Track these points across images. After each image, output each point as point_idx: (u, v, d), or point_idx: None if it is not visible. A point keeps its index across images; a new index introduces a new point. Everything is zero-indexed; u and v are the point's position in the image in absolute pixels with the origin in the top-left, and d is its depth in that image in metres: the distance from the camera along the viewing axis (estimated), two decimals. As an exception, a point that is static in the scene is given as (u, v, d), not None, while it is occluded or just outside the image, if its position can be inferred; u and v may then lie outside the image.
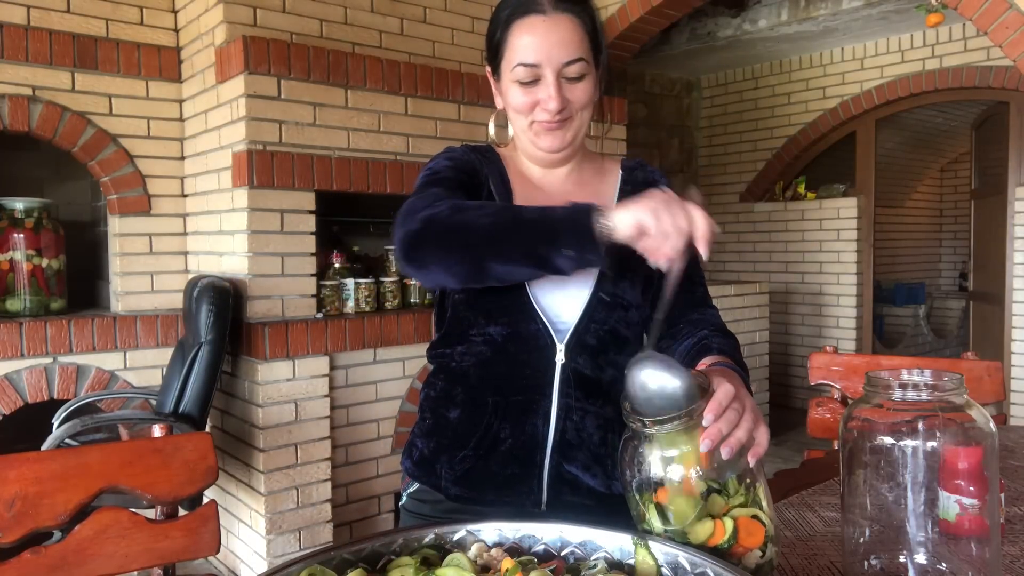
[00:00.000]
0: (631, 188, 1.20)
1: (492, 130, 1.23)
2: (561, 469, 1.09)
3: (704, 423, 0.81)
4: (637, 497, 0.84)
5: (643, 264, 1.11)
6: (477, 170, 1.16)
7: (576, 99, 1.10)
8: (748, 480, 0.83)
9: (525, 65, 1.07)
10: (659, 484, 0.82)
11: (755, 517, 0.82)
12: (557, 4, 1.08)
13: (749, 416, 0.83)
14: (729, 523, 0.81)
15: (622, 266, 1.10)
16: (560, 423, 1.09)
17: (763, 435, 0.84)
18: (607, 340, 1.12)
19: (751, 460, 0.82)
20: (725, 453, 0.80)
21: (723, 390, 0.83)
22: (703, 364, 1.00)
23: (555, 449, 1.09)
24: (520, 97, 1.10)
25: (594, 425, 1.11)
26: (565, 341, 1.10)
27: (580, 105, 1.11)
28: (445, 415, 1.16)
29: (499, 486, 1.09)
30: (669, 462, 0.82)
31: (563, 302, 1.11)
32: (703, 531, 0.80)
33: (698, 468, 0.81)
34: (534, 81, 1.08)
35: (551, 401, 1.09)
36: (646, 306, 1.15)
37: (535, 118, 1.11)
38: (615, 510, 1.03)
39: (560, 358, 1.10)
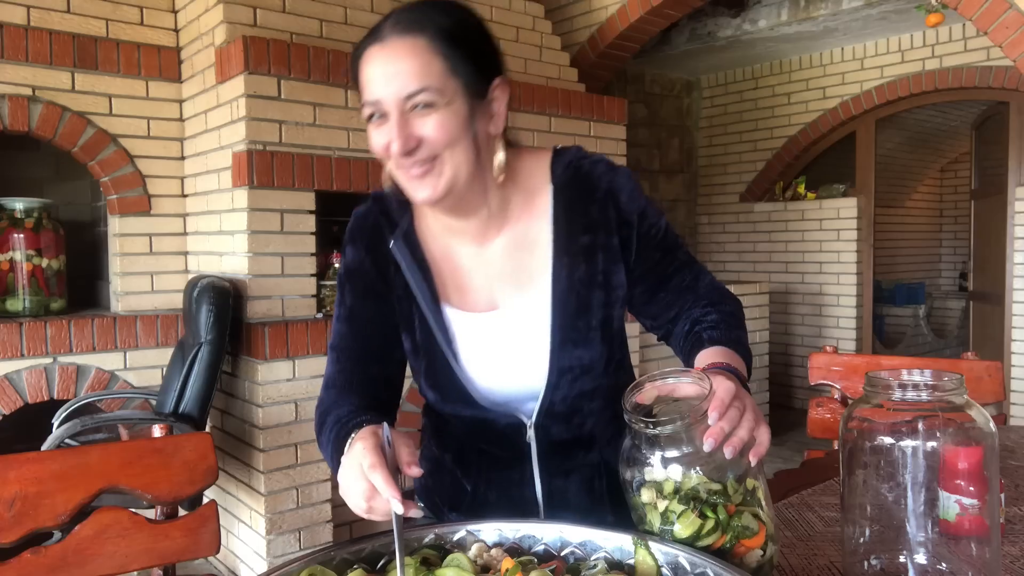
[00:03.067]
0: (564, 214, 1.03)
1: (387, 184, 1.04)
2: (558, 516, 1.08)
3: (709, 422, 0.80)
4: (638, 497, 0.84)
5: (596, 310, 1.03)
6: (380, 265, 1.05)
7: (432, 135, 0.91)
8: (749, 480, 0.83)
9: (368, 103, 0.94)
10: (660, 485, 0.82)
11: (755, 516, 0.82)
12: (396, 27, 0.92)
13: (750, 415, 0.82)
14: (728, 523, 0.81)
15: (574, 331, 1.02)
16: (545, 487, 1.08)
17: (764, 434, 0.83)
18: (576, 404, 1.06)
19: (752, 460, 0.82)
20: (728, 452, 0.79)
21: (724, 388, 0.82)
22: (699, 365, 0.98)
23: (546, 507, 1.09)
24: (374, 139, 0.95)
25: (580, 480, 1.10)
26: (533, 419, 1.05)
27: (441, 142, 0.92)
28: (443, 453, 1.15)
29: None
30: (670, 462, 0.82)
31: (519, 387, 1.05)
32: (694, 527, 0.80)
33: (698, 468, 0.81)
34: (384, 119, 0.93)
35: (532, 470, 1.08)
36: (608, 346, 1.07)
37: (397, 164, 0.95)
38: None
39: (531, 435, 1.06)
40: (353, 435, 0.87)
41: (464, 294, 1.05)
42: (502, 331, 1.04)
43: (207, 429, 2.79)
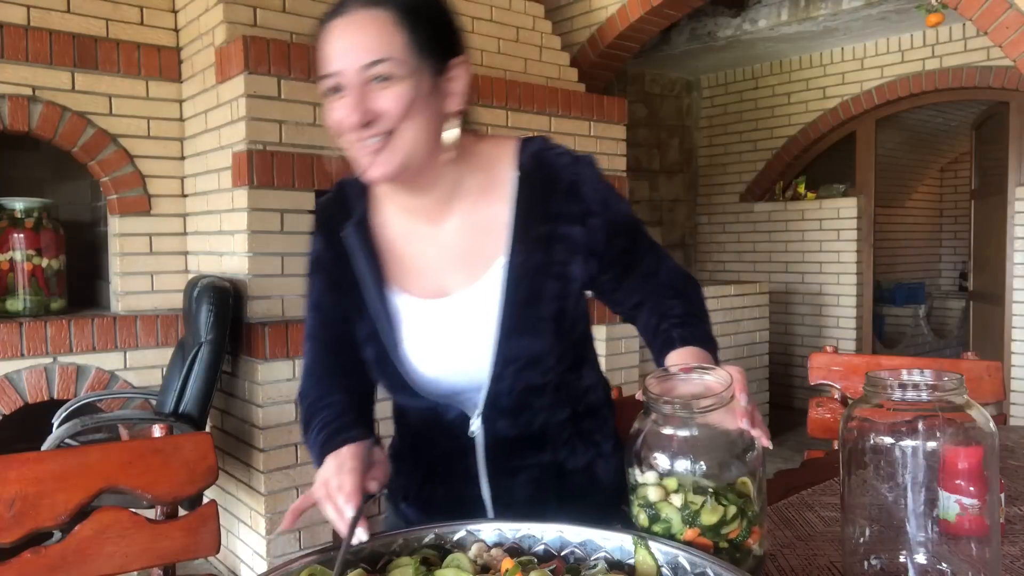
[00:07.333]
0: (526, 202, 1.01)
1: None
2: (505, 516, 1.05)
3: (742, 403, 0.82)
4: (645, 495, 0.84)
5: (548, 300, 1.00)
6: (337, 255, 1.05)
7: (388, 108, 0.91)
8: (741, 479, 0.84)
9: (326, 75, 0.94)
10: (665, 480, 0.82)
11: (748, 511, 0.82)
12: (359, 0, 0.93)
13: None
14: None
15: (523, 320, 0.99)
16: (492, 484, 1.05)
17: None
18: (524, 398, 1.02)
19: (766, 444, 0.83)
20: (767, 443, 0.82)
21: (738, 371, 0.85)
22: (670, 364, 0.97)
23: (493, 505, 1.06)
24: (332, 114, 0.94)
25: (528, 480, 1.06)
26: (478, 411, 1.02)
27: (398, 115, 0.91)
28: (402, 443, 1.16)
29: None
30: (678, 457, 0.82)
31: (464, 377, 1.01)
32: (719, 514, 0.80)
33: (703, 462, 0.81)
34: (343, 93, 0.93)
35: (477, 468, 1.05)
36: (560, 340, 1.03)
37: (356, 137, 0.93)
38: None
39: (476, 427, 1.02)
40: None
41: (415, 279, 1.03)
42: (450, 318, 1.02)
43: (207, 429, 2.79)
